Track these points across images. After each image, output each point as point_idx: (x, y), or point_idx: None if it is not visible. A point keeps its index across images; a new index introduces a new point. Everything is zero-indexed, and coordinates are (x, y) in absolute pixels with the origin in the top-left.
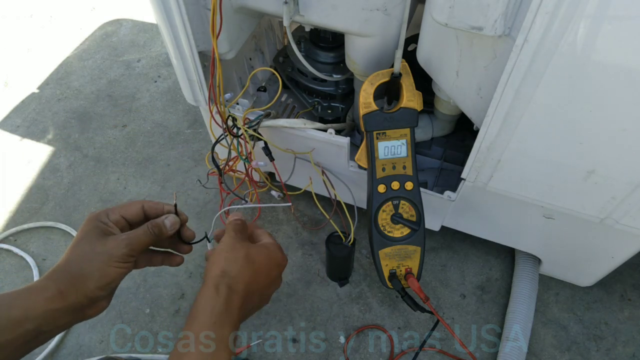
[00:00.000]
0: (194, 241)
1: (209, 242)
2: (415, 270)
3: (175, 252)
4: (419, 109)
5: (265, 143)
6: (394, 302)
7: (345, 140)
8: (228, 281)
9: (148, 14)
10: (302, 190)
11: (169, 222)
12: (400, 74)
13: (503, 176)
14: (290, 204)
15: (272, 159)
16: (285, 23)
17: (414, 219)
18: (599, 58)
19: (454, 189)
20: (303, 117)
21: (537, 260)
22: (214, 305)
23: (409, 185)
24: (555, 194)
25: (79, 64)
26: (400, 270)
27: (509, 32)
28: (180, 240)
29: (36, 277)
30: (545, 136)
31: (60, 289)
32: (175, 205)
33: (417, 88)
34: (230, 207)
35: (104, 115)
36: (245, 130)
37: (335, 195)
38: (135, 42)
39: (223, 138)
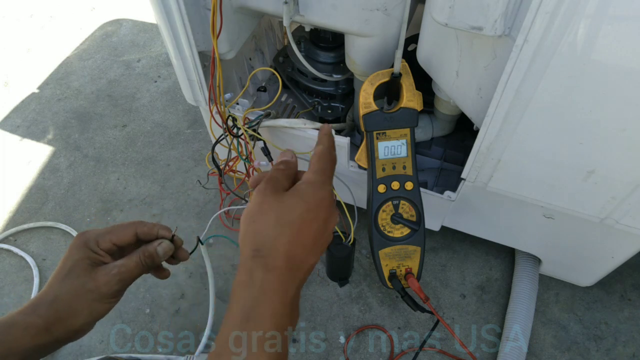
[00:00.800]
0: (190, 252)
1: (202, 244)
2: (415, 270)
3: (163, 267)
4: (419, 109)
5: (265, 143)
6: (394, 302)
7: (345, 140)
8: (262, 261)
9: (148, 14)
10: None
11: (162, 250)
12: (400, 74)
13: (503, 176)
14: None
15: (270, 160)
16: (285, 23)
17: (414, 219)
18: (599, 58)
19: (454, 189)
20: (303, 117)
21: (537, 260)
22: (246, 297)
23: (409, 185)
24: (555, 194)
25: (79, 64)
26: (400, 270)
27: (509, 32)
28: (172, 258)
29: (36, 277)
30: (545, 136)
31: (47, 326)
32: (173, 236)
33: (417, 88)
34: (230, 207)
35: (104, 115)
36: (245, 130)
37: (335, 195)
38: (135, 42)
39: (223, 138)
